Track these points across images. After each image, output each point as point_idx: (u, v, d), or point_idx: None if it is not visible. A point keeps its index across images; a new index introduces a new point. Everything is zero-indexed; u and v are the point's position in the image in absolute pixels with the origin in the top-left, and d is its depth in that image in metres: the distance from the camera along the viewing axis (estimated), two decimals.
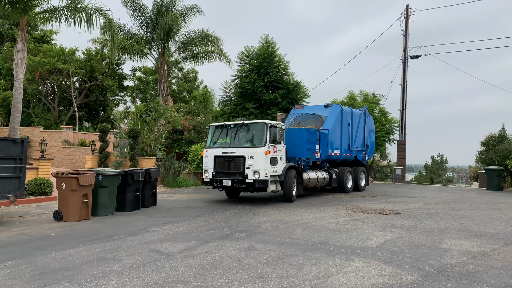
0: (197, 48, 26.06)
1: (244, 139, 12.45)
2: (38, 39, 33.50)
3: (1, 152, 8.78)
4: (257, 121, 12.62)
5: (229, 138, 12.58)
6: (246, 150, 11.92)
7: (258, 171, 11.60)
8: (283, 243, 7.14)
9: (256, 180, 11.57)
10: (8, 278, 5.16)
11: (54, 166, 21.94)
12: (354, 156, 16.91)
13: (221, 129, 13.04)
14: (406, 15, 26.08)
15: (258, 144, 11.98)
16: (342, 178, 15.84)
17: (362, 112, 18.00)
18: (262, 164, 11.65)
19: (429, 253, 6.55)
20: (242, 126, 12.51)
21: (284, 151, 12.73)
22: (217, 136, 13.00)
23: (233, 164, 12.03)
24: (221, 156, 12.28)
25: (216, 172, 12.37)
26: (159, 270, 5.53)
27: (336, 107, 16.29)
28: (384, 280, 5.15)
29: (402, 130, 25.76)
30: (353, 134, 16.86)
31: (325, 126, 15.29)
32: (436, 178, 28.67)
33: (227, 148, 12.32)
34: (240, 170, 11.87)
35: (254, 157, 11.69)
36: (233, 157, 12.04)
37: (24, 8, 14.48)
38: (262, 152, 11.73)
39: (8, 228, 8.51)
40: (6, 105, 27.94)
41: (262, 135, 12.04)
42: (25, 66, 14.82)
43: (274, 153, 12.08)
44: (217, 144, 12.81)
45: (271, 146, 11.94)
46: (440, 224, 9.29)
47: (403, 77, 26.12)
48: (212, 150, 12.65)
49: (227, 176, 12.15)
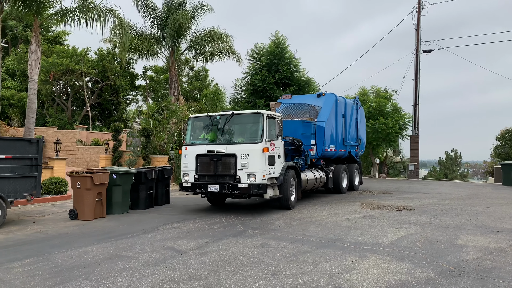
0: (208, 47, 26.08)
1: (234, 133, 10.26)
2: (51, 40, 33.94)
3: (18, 152, 8.94)
4: (250, 111, 10.46)
5: (215, 133, 10.29)
6: (238, 148, 9.67)
7: (254, 174, 9.41)
8: (296, 240, 7.13)
9: (251, 185, 9.37)
10: (27, 276, 5.26)
11: (69, 165, 22.26)
12: (348, 152, 15.36)
13: (204, 122, 10.73)
14: (418, 9, 25.74)
15: (253, 139, 9.76)
16: (337, 177, 14.18)
17: (354, 102, 16.32)
18: (258, 164, 9.44)
19: (444, 249, 6.48)
20: (231, 118, 10.13)
21: (282, 147, 10.59)
22: (200, 131, 10.79)
23: (222, 165, 9.78)
24: (206, 155, 9.98)
25: (199, 175, 10.05)
26: (174, 267, 5.58)
27: (331, 96, 14.58)
28: (399, 276, 5.11)
29: (415, 125, 25.47)
30: (347, 127, 15.27)
31: (321, 118, 13.48)
32: (450, 173, 28.28)
33: (213, 145, 10.03)
34: (230, 172, 9.64)
35: (249, 156, 9.47)
36: (221, 156, 9.77)
37: (37, 10, 14.66)
38: (258, 149, 9.48)
39: (26, 226, 8.66)
40: (21, 105, 28.41)
41: (258, 128, 9.81)
42: (39, 67, 15.02)
43: (272, 151, 9.94)
44: (200, 140, 10.58)
45: (268, 142, 9.78)
46: (456, 220, 9.18)
47: (415, 71, 25.80)
48: (193, 147, 10.31)
49: (214, 180, 9.87)
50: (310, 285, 4.83)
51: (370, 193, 15.06)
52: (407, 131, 25.58)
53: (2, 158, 8.60)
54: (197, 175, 10.10)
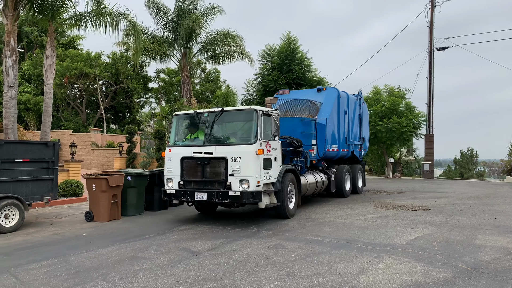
0: (219, 48, 26.18)
1: (225, 133, 9.24)
2: (66, 44, 34.47)
3: (35, 155, 9.11)
4: (242, 107, 9.56)
5: (203, 133, 9.10)
6: (229, 149, 8.50)
7: (247, 179, 8.23)
8: (310, 241, 7.11)
9: (244, 193, 8.16)
10: (45, 277, 5.35)
11: (84, 168, 22.56)
12: (351, 151, 14.20)
13: (190, 120, 9.56)
14: (431, 6, 25.44)
15: (246, 140, 8.63)
16: (340, 180, 12.98)
17: (357, 98, 15.05)
18: (252, 168, 8.24)
19: (462, 249, 6.38)
20: (221, 115, 8.96)
21: (279, 148, 9.36)
22: (185, 130, 9.70)
23: (210, 169, 8.59)
24: (192, 158, 8.78)
25: (185, 180, 8.86)
26: (189, 268, 5.61)
27: (333, 91, 13.51)
28: (415, 277, 5.05)
29: (429, 124, 25.18)
30: (350, 124, 14.12)
31: (322, 115, 12.34)
32: (466, 172, 27.79)
33: (200, 147, 8.81)
34: (220, 178, 8.46)
35: (241, 159, 8.29)
36: (209, 159, 8.58)
37: (52, 15, 14.92)
38: (252, 151, 8.29)
39: (43, 228, 8.81)
40: (37, 109, 28.91)
41: (251, 127, 8.65)
42: (54, 72, 15.28)
43: (268, 152, 8.76)
44: (186, 141, 9.43)
45: (263, 143, 8.60)
46: (473, 219, 9.04)
47: (429, 70, 25.50)
48: (178, 149, 9.14)
49: (201, 186, 8.70)
50: (325, 286, 4.81)
51: (385, 193, 14.93)
52: (422, 130, 25.30)
53: (20, 161, 8.77)
54: (182, 181, 8.88)
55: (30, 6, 14.45)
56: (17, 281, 5.19)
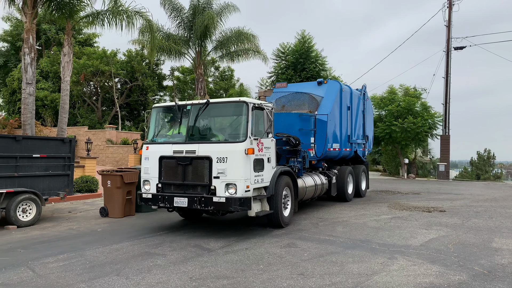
0: (233, 47, 26.19)
1: (210, 129, 8.14)
2: (82, 42, 34.94)
3: (52, 151, 9.27)
4: (231, 99, 8.23)
5: (185, 128, 7.90)
6: (215, 148, 7.40)
7: (235, 183, 7.14)
8: (323, 241, 7.08)
9: (230, 199, 7.06)
10: (61, 271, 5.44)
11: (99, 164, 22.86)
12: (354, 151, 13.11)
13: (171, 113, 8.49)
14: (449, 4, 25.03)
15: (234, 137, 7.53)
16: (342, 182, 11.92)
17: (361, 93, 13.91)
18: (241, 170, 7.17)
19: (478, 252, 6.28)
20: (206, 108, 7.81)
21: (273, 147, 8.23)
22: (166, 125, 8.66)
23: (192, 170, 7.47)
24: (172, 157, 7.67)
25: (164, 183, 7.75)
26: (202, 265, 5.64)
27: (334, 84, 12.38)
28: (430, 279, 4.99)
29: (445, 124, 24.80)
30: (352, 121, 13.01)
31: (322, 110, 11.18)
32: (482, 174, 27.31)
33: (181, 144, 7.70)
34: (203, 181, 7.35)
35: (228, 159, 7.22)
36: (191, 159, 7.46)
37: (70, 13, 15.14)
38: (241, 150, 7.20)
39: (59, 223, 8.96)
40: (54, 106, 29.39)
41: (240, 122, 7.56)
42: (71, 69, 15.52)
43: (260, 152, 7.66)
44: (166, 137, 8.33)
45: (254, 141, 7.48)
46: (489, 222, 8.88)
47: (446, 69, 25.11)
48: (156, 147, 8.03)
49: (182, 190, 7.58)
50: (338, 286, 4.78)
51: (399, 193, 14.77)
52: (437, 131, 24.96)
53: (38, 157, 8.93)
54: (161, 183, 7.77)
55: (48, 4, 14.68)
56: (34, 274, 5.29)
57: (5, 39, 33.65)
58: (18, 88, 29.23)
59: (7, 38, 33.48)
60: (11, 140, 8.69)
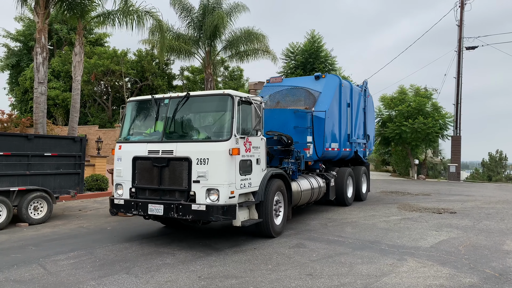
0: (243, 46, 26.21)
1: (190, 126, 7.24)
2: (93, 42, 35.26)
3: (63, 150, 9.37)
4: (214, 92, 7.31)
5: (162, 125, 7.04)
6: (194, 147, 6.57)
7: (217, 188, 6.31)
8: (332, 241, 7.05)
9: (212, 207, 6.20)
10: (72, 268, 5.50)
11: (109, 163, 23.02)
12: (354, 151, 12.17)
13: (148, 108, 7.53)
14: (461, 4, 24.75)
15: (217, 135, 6.69)
16: (341, 185, 11.04)
17: (362, 89, 12.99)
18: (224, 173, 6.34)
19: (489, 254, 6.20)
20: (186, 102, 6.96)
21: (263, 147, 7.38)
22: (142, 121, 7.72)
23: (169, 173, 6.63)
24: (147, 158, 6.83)
25: (137, 187, 6.91)
26: (210, 264, 5.66)
27: (333, 78, 11.45)
28: (440, 281, 4.94)
29: (456, 125, 24.52)
30: (353, 119, 12.08)
31: (319, 107, 10.25)
32: (494, 176, 26.98)
33: (157, 143, 6.85)
34: (181, 185, 6.51)
35: (209, 160, 6.38)
36: (168, 160, 6.63)
37: (81, 13, 15.29)
38: (224, 150, 6.36)
39: (70, 221, 9.06)
40: (65, 105, 29.72)
41: (224, 118, 6.74)
42: (82, 68, 15.67)
43: (247, 152, 6.84)
44: (141, 135, 7.42)
45: (241, 140, 6.67)
46: (501, 224, 8.76)
47: (457, 69, 24.83)
48: (130, 146, 7.19)
49: (158, 196, 6.74)
50: (347, 287, 4.76)
51: (409, 194, 14.65)
52: (448, 131, 24.70)
53: (49, 155, 9.04)
54: (135, 188, 6.92)
55: (60, 5, 14.84)
56: (45, 272, 5.36)
57: (18, 39, 34.10)
58: (30, 87, 29.61)
59: (19, 38, 33.92)
60: (23, 138, 8.80)
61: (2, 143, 8.34)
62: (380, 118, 25.47)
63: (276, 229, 7.43)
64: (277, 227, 7.46)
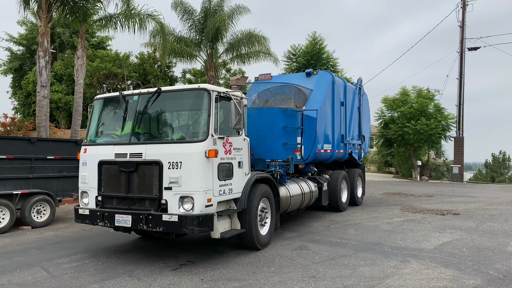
0: (244, 49, 26.25)
1: (161, 126, 6.55)
2: (95, 45, 35.38)
3: (66, 153, 9.40)
4: (189, 87, 6.64)
5: (131, 124, 6.29)
6: (166, 150, 5.85)
7: (191, 196, 5.59)
8: (335, 243, 7.03)
9: (185, 217, 5.47)
10: (75, 271, 5.50)
11: None
12: (348, 153, 11.42)
13: (116, 106, 6.77)
14: (463, 4, 24.72)
15: (191, 135, 6.11)
16: (335, 189, 10.33)
17: (356, 87, 12.27)
18: (199, 179, 5.63)
19: (493, 256, 6.17)
20: (157, 98, 6.29)
21: (246, 148, 6.68)
22: (110, 121, 6.93)
23: (138, 179, 5.92)
24: (114, 162, 6.12)
25: (104, 195, 6.20)
26: (213, 267, 5.65)
27: (326, 75, 10.79)
28: (444, 283, 4.92)
29: (459, 126, 24.47)
30: (347, 119, 11.41)
31: (311, 105, 9.63)
32: (497, 177, 26.85)
33: (125, 146, 6.15)
34: (151, 193, 5.80)
35: (182, 164, 5.66)
36: (136, 164, 5.92)
37: (83, 17, 15.35)
38: (199, 153, 5.65)
39: (72, 224, 9.06)
40: (67, 108, 29.79)
41: (200, 116, 6.08)
42: (84, 72, 15.74)
43: (227, 154, 6.16)
44: (108, 137, 6.72)
45: (219, 140, 5.97)
46: (505, 226, 8.72)
47: (460, 70, 24.78)
48: (95, 149, 6.51)
49: (126, 205, 6.01)
50: None
51: (412, 196, 14.61)
52: (451, 132, 24.63)
53: (52, 158, 9.06)
54: (101, 196, 6.21)
55: (63, 8, 14.91)
56: (48, 275, 5.36)
57: (21, 43, 34.24)
58: (33, 91, 29.69)
59: (22, 41, 34.06)
60: (26, 142, 8.85)
61: (5, 147, 8.37)
62: (382, 119, 25.44)
63: (262, 240, 6.69)
64: (262, 237, 6.73)
